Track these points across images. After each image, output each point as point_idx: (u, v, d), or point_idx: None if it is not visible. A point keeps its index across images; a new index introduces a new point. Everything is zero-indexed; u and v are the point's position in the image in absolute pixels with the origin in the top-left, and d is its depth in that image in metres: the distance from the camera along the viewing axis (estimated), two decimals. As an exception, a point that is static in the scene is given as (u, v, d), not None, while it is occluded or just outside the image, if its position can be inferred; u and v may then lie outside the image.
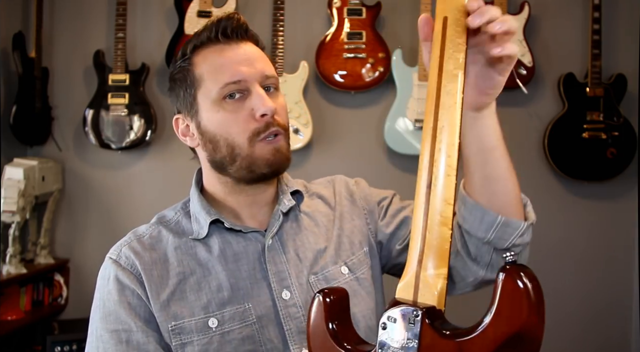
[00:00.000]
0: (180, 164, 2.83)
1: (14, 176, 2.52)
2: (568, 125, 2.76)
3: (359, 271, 1.04)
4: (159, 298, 0.93)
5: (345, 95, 2.83)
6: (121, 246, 0.99)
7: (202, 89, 0.97)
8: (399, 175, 2.83)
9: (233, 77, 0.94)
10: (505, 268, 0.67)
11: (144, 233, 1.01)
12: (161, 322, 0.93)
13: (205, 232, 0.98)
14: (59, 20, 2.92)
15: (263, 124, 0.95)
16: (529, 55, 2.74)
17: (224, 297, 0.94)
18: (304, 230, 1.04)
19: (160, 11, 2.90)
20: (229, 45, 0.97)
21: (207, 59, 0.97)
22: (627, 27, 2.82)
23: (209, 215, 0.98)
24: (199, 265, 0.97)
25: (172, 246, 0.98)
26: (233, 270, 0.97)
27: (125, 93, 2.76)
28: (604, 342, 2.88)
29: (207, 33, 0.97)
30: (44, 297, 2.76)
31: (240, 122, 0.95)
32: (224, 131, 0.95)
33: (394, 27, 2.85)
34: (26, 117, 2.77)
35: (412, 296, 0.75)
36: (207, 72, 0.96)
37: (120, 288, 0.94)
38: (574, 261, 2.88)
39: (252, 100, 0.95)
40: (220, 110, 0.95)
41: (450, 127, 0.74)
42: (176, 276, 0.95)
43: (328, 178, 1.17)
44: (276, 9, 2.74)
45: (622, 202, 2.88)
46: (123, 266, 0.95)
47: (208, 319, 0.93)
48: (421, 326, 0.71)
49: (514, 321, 0.66)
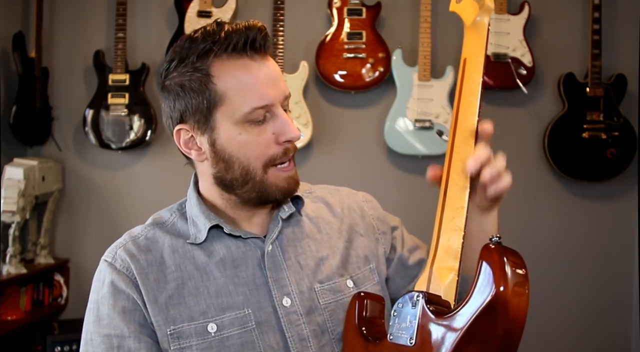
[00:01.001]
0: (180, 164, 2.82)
1: (14, 175, 2.52)
2: (568, 126, 2.76)
3: (363, 286, 1.03)
4: (157, 302, 0.92)
5: (345, 95, 2.83)
6: (116, 248, 0.97)
7: (223, 107, 0.90)
8: (399, 175, 2.83)
9: (262, 102, 0.90)
10: (488, 246, 0.76)
11: (139, 234, 0.99)
12: (160, 325, 0.91)
13: (203, 237, 0.96)
14: (59, 20, 2.92)
15: (282, 151, 0.93)
16: (529, 56, 2.73)
17: (223, 303, 0.93)
18: (306, 237, 1.02)
19: (160, 11, 2.90)
20: (254, 61, 0.90)
21: (232, 75, 0.90)
22: (627, 27, 2.82)
23: (209, 220, 0.96)
24: (197, 269, 0.95)
25: (169, 249, 0.96)
26: (232, 276, 0.95)
27: (125, 93, 2.75)
28: (603, 341, 2.88)
29: (231, 42, 0.89)
30: (44, 297, 2.76)
31: (261, 146, 0.92)
32: (242, 154, 0.92)
33: (394, 27, 2.85)
34: (26, 117, 2.77)
35: (425, 288, 0.85)
36: (232, 90, 0.90)
37: (115, 292, 0.92)
38: (573, 260, 2.88)
39: (277, 124, 0.92)
40: (242, 132, 0.91)
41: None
42: (174, 281, 0.94)
43: (334, 187, 1.16)
44: (276, 9, 2.74)
45: (622, 202, 2.88)
46: (118, 269, 0.93)
47: (207, 324, 0.92)
48: (422, 309, 0.80)
49: (487, 292, 0.73)
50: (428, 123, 2.69)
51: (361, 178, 2.74)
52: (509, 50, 2.74)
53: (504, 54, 2.74)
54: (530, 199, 2.86)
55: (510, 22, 2.76)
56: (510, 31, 2.76)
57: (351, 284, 1.02)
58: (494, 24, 2.76)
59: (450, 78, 2.73)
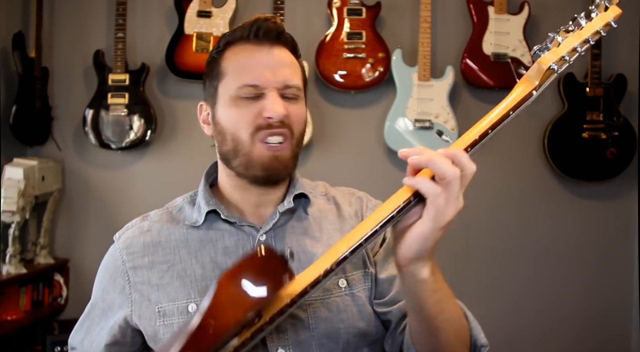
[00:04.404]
0: (180, 164, 2.84)
1: (14, 175, 2.52)
2: (568, 125, 2.76)
3: (355, 288, 1.01)
4: (150, 283, 1.00)
5: (345, 95, 2.83)
6: (127, 228, 1.07)
7: (222, 83, 1.00)
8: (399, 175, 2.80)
9: (253, 81, 0.97)
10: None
11: (148, 217, 1.08)
12: (148, 305, 0.99)
13: (201, 221, 1.02)
14: (59, 20, 2.92)
15: (265, 123, 0.96)
16: (528, 56, 2.73)
17: (206, 286, 0.97)
18: (304, 233, 1.03)
19: (160, 11, 2.90)
20: (259, 47, 0.99)
21: (236, 56, 1.00)
22: (627, 27, 2.83)
23: (208, 205, 1.02)
24: (189, 253, 1.01)
25: (167, 232, 1.03)
26: (221, 262, 0.99)
27: (125, 93, 2.75)
28: (603, 342, 2.88)
29: (242, 31, 1.00)
30: (44, 297, 2.76)
31: (247, 117, 0.97)
32: (232, 125, 0.98)
33: (394, 27, 2.85)
34: (26, 117, 2.77)
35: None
36: (231, 68, 0.99)
37: (110, 268, 1.04)
38: (573, 260, 2.88)
39: (264, 101, 0.97)
40: (233, 106, 0.98)
41: None
42: (166, 263, 1.00)
43: (349, 190, 1.15)
44: (276, 9, 2.74)
45: (622, 202, 2.88)
46: (120, 248, 1.04)
47: (188, 304, 0.97)
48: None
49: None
50: (428, 123, 2.69)
51: (361, 178, 2.74)
52: (509, 50, 2.74)
53: (504, 54, 2.74)
54: (530, 199, 2.86)
55: (510, 22, 2.76)
56: (510, 31, 2.76)
57: (344, 284, 1.01)
58: (494, 24, 2.76)
59: (450, 78, 2.73)
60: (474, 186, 3.19)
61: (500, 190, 2.84)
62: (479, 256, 2.86)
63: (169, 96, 2.89)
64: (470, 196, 0.87)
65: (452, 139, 2.58)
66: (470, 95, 2.85)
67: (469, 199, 0.80)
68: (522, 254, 2.87)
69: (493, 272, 2.86)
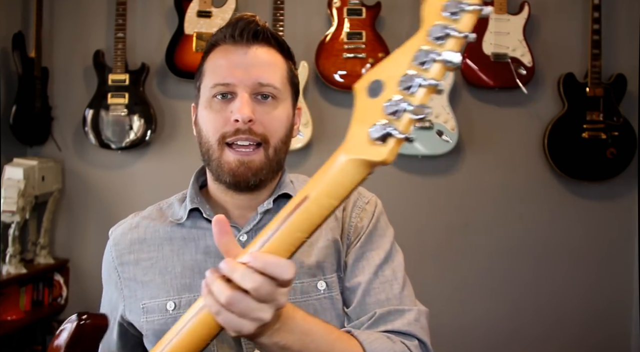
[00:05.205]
0: (180, 164, 2.83)
1: (13, 176, 2.52)
2: (568, 125, 2.76)
3: (334, 291, 0.99)
4: (136, 279, 1.01)
5: (345, 95, 2.83)
6: (119, 224, 1.08)
7: (203, 84, 1.00)
8: (399, 175, 2.83)
9: (223, 79, 0.96)
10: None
11: (140, 213, 1.09)
12: (135, 301, 1.00)
13: (185, 217, 1.02)
14: (59, 20, 2.92)
15: (233, 129, 0.94)
16: (528, 56, 2.74)
17: (185, 284, 0.98)
18: None
19: (160, 11, 2.90)
20: (235, 47, 0.98)
21: (214, 57, 1.00)
22: (627, 27, 2.83)
23: (192, 203, 1.02)
24: (171, 250, 1.01)
25: (153, 229, 1.04)
26: (200, 260, 0.99)
27: (125, 93, 2.76)
28: (603, 342, 2.88)
29: (222, 32, 1.00)
30: (44, 297, 2.76)
31: (217, 123, 0.96)
32: (205, 129, 0.98)
33: (394, 27, 2.85)
34: (26, 117, 2.77)
35: None
36: (208, 69, 0.99)
37: (107, 261, 1.06)
38: (573, 260, 2.88)
39: (234, 104, 0.95)
40: (208, 107, 0.98)
41: None
42: (149, 260, 1.02)
43: (364, 194, 1.09)
44: (276, 9, 2.74)
45: (622, 202, 2.88)
46: (110, 245, 1.06)
47: (167, 301, 0.98)
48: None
49: None
50: (428, 123, 2.68)
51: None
52: (509, 50, 2.74)
53: (504, 54, 2.74)
54: (530, 199, 2.86)
55: (510, 22, 2.76)
56: (510, 31, 2.76)
57: (323, 286, 0.98)
58: (494, 24, 2.76)
59: (449, 78, 2.73)
60: (474, 186, 3.20)
61: (500, 190, 2.83)
62: (479, 256, 2.85)
63: (169, 96, 2.89)
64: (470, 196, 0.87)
65: (452, 139, 2.59)
66: (470, 96, 2.84)
67: (469, 199, 0.80)
68: (522, 253, 2.87)
69: (493, 272, 2.86)
